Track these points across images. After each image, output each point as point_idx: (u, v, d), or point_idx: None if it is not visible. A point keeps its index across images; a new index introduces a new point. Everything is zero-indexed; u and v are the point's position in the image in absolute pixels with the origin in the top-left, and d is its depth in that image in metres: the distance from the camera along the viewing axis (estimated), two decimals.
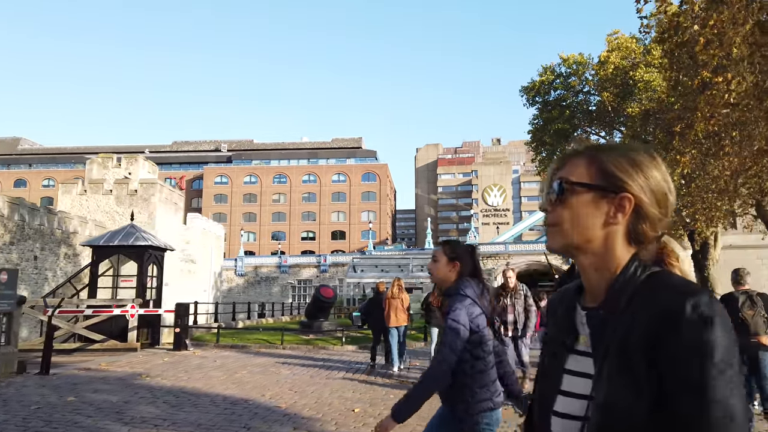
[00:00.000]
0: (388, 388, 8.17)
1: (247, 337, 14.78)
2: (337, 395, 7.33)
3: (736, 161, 14.38)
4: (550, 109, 31.31)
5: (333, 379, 8.88)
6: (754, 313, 5.96)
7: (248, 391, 7.49)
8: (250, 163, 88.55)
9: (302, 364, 10.75)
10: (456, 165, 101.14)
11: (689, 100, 16.43)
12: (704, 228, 24.04)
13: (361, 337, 14.73)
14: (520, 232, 62.85)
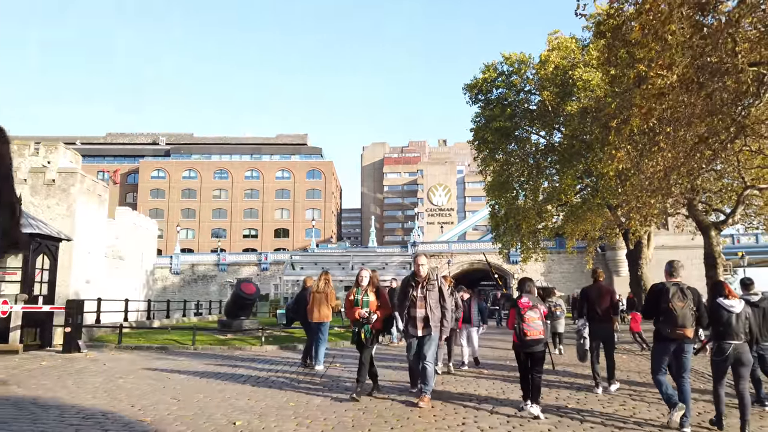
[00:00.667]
0: (296, 393, 7.22)
1: (156, 337, 13.46)
2: (227, 404, 6.38)
3: (670, 156, 14.25)
4: (492, 108, 31.16)
5: (234, 383, 7.88)
6: (684, 305, 5.93)
7: (117, 401, 6.37)
8: (189, 157, 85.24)
9: (206, 367, 9.64)
10: (402, 164, 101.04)
11: (625, 99, 16.32)
12: (639, 227, 24.29)
13: (285, 336, 13.71)
14: (464, 230, 63.18)
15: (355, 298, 7.28)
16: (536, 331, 6.42)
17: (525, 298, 6.65)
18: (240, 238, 79.41)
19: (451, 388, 8.04)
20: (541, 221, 33.10)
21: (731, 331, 5.95)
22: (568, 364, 11.25)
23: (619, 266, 46.15)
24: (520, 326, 6.44)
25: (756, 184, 20.77)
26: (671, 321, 5.87)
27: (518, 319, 6.48)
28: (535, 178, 32.03)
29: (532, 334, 6.39)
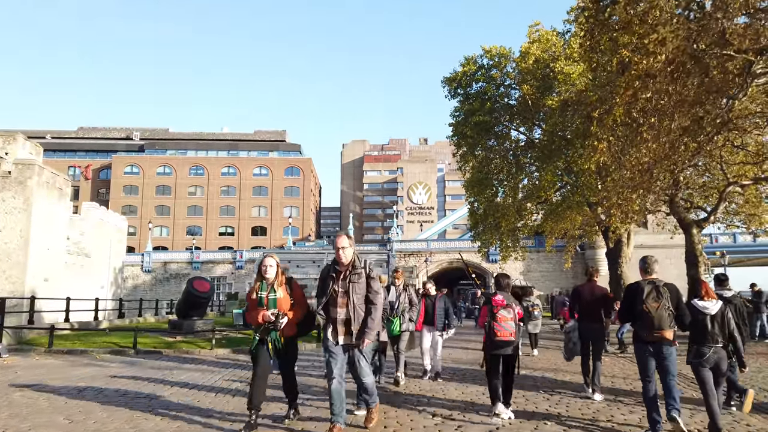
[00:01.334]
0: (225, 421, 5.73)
1: (94, 340, 12.26)
2: (129, 427, 5.29)
3: (654, 147, 13.55)
4: (472, 102, 30.43)
5: (156, 399, 6.77)
6: (659, 306, 5.47)
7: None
8: (164, 153, 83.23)
9: (135, 376, 8.54)
10: (382, 162, 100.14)
11: (607, 91, 15.59)
12: (619, 224, 23.73)
13: (240, 338, 12.66)
14: (444, 228, 62.54)
15: (257, 296, 5.50)
16: (507, 332, 5.96)
17: (500, 295, 6.20)
18: (216, 235, 77.81)
19: (412, 397, 7.12)
20: (520, 219, 32.48)
21: (707, 335, 5.65)
22: (547, 369, 10.45)
23: (598, 265, 45.74)
24: (491, 325, 6.01)
25: (738, 181, 20.30)
26: (647, 323, 5.44)
27: (489, 317, 6.07)
28: (515, 175, 31.41)
29: (503, 335, 5.94)
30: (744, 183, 20.64)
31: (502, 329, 5.95)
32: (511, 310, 6.06)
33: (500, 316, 5.99)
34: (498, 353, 6.07)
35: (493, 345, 6.03)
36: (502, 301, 6.09)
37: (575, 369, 10.07)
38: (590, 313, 7.79)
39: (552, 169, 27.94)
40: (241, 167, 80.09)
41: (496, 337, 5.95)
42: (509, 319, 6.00)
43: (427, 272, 48.99)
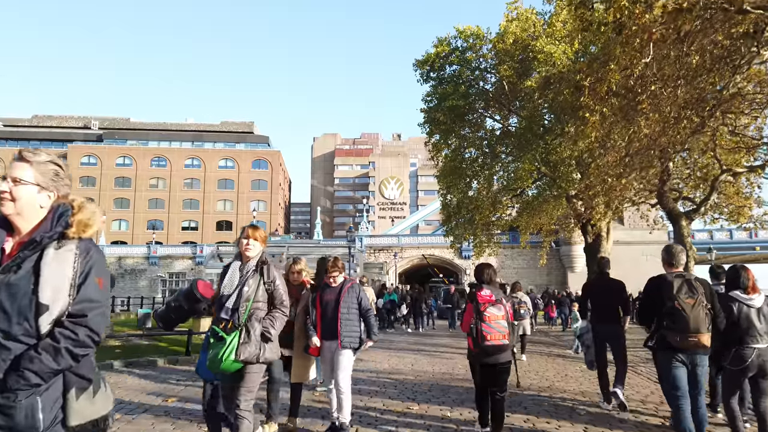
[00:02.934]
0: None
1: None
2: None
3: (655, 119, 11.63)
4: (445, 85, 28.48)
5: None
6: (695, 303, 4.46)
7: None
8: (124, 143, 79.35)
9: None
10: (354, 156, 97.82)
11: (600, 58, 13.62)
12: (602, 213, 22.05)
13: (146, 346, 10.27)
14: (416, 223, 60.74)
15: None
16: (500, 334, 4.88)
17: (486, 290, 5.04)
18: (179, 230, 74.45)
19: None
20: (495, 212, 30.68)
21: (754, 333, 4.74)
22: (540, 376, 8.42)
23: (573, 262, 44.50)
24: (479, 327, 4.90)
25: (733, 168, 18.68)
26: (681, 325, 4.41)
27: (476, 318, 4.94)
28: (490, 165, 29.55)
29: (495, 338, 4.86)
30: (738, 171, 19.09)
31: (494, 331, 4.85)
32: (502, 307, 4.95)
33: (489, 314, 4.88)
34: (489, 362, 4.94)
35: (484, 352, 4.90)
36: (490, 297, 4.94)
37: (577, 377, 8.08)
38: (605, 312, 6.76)
39: (529, 157, 26.14)
40: (206, 159, 76.82)
41: (486, 342, 4.84)
42: (500, 317, 4.90)
43: (396, 269, 46.96)
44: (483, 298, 4.95)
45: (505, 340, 4.88)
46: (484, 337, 4.83)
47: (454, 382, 7.65)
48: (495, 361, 4.94)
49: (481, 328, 4.85)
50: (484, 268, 5.32)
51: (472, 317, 4.97)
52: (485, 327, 4.84)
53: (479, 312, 4.91)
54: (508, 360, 5.03)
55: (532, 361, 11.12)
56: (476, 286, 5.14)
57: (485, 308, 4.89)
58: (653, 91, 12.05)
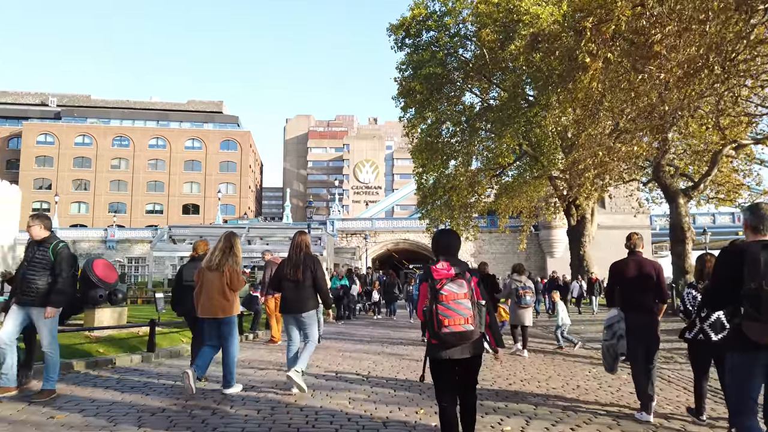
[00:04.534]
0: None
1: None
2: None
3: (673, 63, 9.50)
4: (421, 52, 26.16)
5: None
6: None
7: None
8: (84, 121, 75.08)
9: None
10: (328, 139, 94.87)
11: None
12: (590, 191, 20.19)
13: None
14: (391, 206, 58.60)
15: None
16: (460, 317, 3.55)
17: (442, 263, 3.74)
18: (142, 213, 70.92)
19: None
20: (473, 193, 28.64)
21: None
22: (548, 379, 6.24)
23: (553, 247, 42.91)
24: (433, 309, 3.58)
25: (739, 139, 16.82)
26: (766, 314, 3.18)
27: (431, 299, 3.61)
28: (469, 141, 27.39)
29: (454, 323, 3.54)
30: (744, 142, 17.28)
31: (453, 314, 3.56)
32: (464, 284, 3.64)
33: (446, 292, 3.60)
34: (446, 356, 3.69)
35: (440, 342, 3.65)
36: (447, 270, 3.68)
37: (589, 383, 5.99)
38: (638, 300, 5.63)
39: (512, 131, 24.07)
40: (172, 139, 73.18)
41: (443, 329, 3.56)
42: (461, 296, 3.60)
43: (368, 254, 44.76)
44: (439, 273, 3.69)
45: (469, 324, 3.59)
46: (441, 321, 3.58)
47: (425, 402, 5.45)
48: (455, 355, 3.69)
49: (436, 310, 3.59)
50: (442, 236, 4.11)
51: (426, 298, 3.71)
52: (441, 309, 3.59)
53: (435, 290, 3.64)
54: (477, 353, 3.79)
55: (529, 359, 9.00)
56: (430, 264, 3.88)
57: (442, 285, 3.64)
58: (669, 33, 9.92)
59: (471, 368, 3.82)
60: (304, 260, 5.86)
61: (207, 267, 5.72)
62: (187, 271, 6.51)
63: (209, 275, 5.68)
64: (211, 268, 5.68)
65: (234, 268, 5.73)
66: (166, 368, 6.94)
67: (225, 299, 5.67)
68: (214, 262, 5.68)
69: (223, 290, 5.63)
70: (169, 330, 8.72)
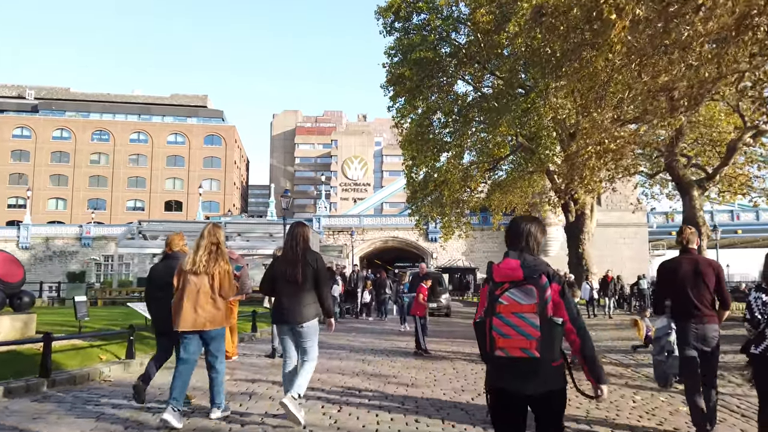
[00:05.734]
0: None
1: None
2: None
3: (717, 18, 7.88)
4: (412, 36, 24.45)
5: None
6: None
7: None
8: (63, 114, 72.57)
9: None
10: (316, 135, 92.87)
11: None
12: (594, 183, 18.63)
13: None
14: (379, 202, 56.96)
15: None
16: (521, 338, 2.53)
17: (509, 260, 2.70)
18: (123, 210, 68.58)
19: None
20: (465, 188, 27.02)
21: None
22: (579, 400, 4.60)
23: (548, 245, 41.42)
24: (486, 323, 2.62)
25: (762, 125, 15.30)
26: None
27: (487, 308, 2.65)
28: (461, 132, 25.72)
29: (510, 344, 2.54)
30: (765, 128, 15.73)
31: (512, 332, 2.52)
32: (534, 292, 2.55)
33: (506, 302, 2.56)
34: (508, 388, 2.59)
35: (493, 367, 2.64)
36: (514, 271, 2.58)
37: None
38: (694, 306, 4.76)
39: (507, 120, 22.43)
40: (154, 133, 70.88)
41: (495, 350, 2.56)
42: (526, 309, 2.53)
43: (354, 252, 43.00)
44: (502, 274, 2.60)
45: (531, 350, 2.48)
46: (494, 340, 2.56)
47: None
48: (521, 389, 2.55)
49: (491, 324, 2.56)
50: (514, 221, 2.95)
51: (483, 307, 2.68)
52: (497, 323, 2.55)
53: (493, 297, 2.60)
54: (554, 388, 2.58)
55: None
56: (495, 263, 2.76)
57: (502, 291, 2.56)
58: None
59: (546, 409, 2.65)
60: (304, 256, 4.80)
61: (191, 270, 4.70)
62: (157, 271, 5.38)
63: (193, 279, 4.70)
64: (197, 271, 4.70)
65: (225, 269, 4.81)
66: (52, 405, 5.04)
67: (215, 308, 4.74)
68: (200, 264, 4.70)
69: (212, 297, 4.72)
70: (89, 344, 6.92)
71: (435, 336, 12.17)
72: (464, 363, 8.23)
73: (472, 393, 6.03)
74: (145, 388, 4.99)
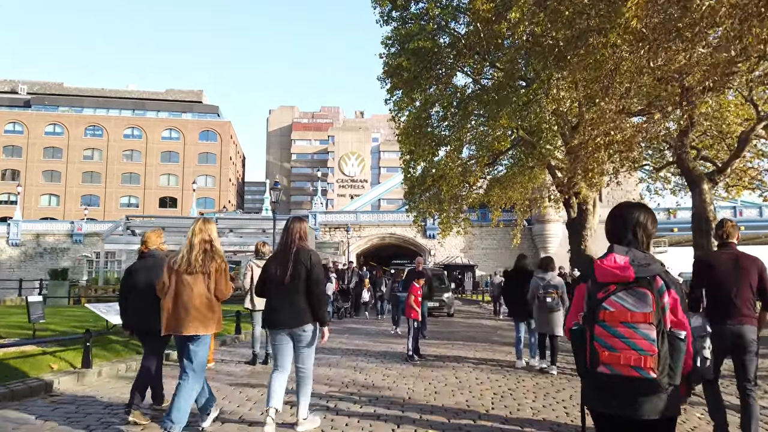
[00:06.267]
0: None
1: None
2: None
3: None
4: (410, 25, 23.67)
5: None
6: None
7: None
8: (56, 109, 71.54)
9: None
10: (312, 131, 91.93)
11: None
12: (599, 175, 17.92)
13: None
14: (376, 198, 56.15)
15: None
16: (634, 353, 2.06)
17: (616, 255, 2.21)
18: (117, 206, 67.70)
19: None
20: (464, 183, 26.28)
21: None
22: None
23: (547, 242, 40.72)
24: (585, 331, 2.21)
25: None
26: None
27: (587, 315, 2.22)
28: (460, 125, 24.96)
29: (618, 360, 2.07)
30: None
31: (620, 345, 2.08)
32: (648, 298, 2.07)
33: (612, 308, 2.11)
34: (611, 412, 2.19)
35: (593, 387, 2.20)
36: (622, 271, 2.13)
37: None
38: (732, 304, 4.25)
39: (508, 112, 21.67)
40: (148, 129, 69.95)
41: (598, 366, 2.13)
42: (639, 318, 2.07)
43: (349, 249, 42.26)
44: (606, 273, 2.14)
45: (646, 369, 2.04)
46: (596, 353, 2.13)
47: None
48: (626, 413, 2.12)
49: (592, 334, 2.15)
50: (619, 208, 2.45)
51: (580, 311, 2.27)
52: (600, 333, 2.12)
53: (594, 301, 2.16)
54: (669, 415, 2.12)
55: (562, 382, 6.58)
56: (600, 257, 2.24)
57: (607, 294, 2.12)
58: None
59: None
60: (297, 255, 4.43)
61: (186, 270, 4.32)
62: (134, 272, 5.04)
63: (186, 279, 4.32)
64: (191, 270, 4.31)
65: (222, 267, 4.44)
66: None
67: (210, 310, 4.33)
68: (195, 264, 4.31)
69: (208, 298, 4.33)
70: (42, 350, 6.15)
71: (433, 338, 11.44)
72: (467, 370, 7.47)
73: (479, 408, 5.28)
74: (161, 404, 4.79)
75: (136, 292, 4.87)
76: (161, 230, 5.75)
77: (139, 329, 4.90)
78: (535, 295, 7.73)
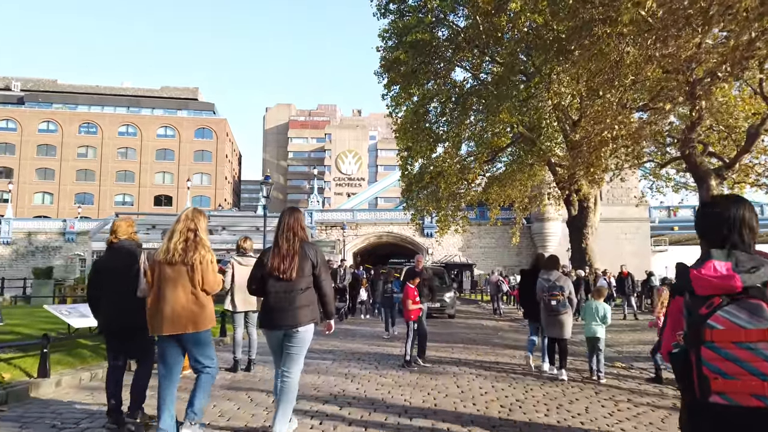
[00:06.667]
0: None
1: None
2: None
3: None
4: (408, 17, 23.11)
5: None
6: None
7: None
8: (49, 106, 70.76)
9: None
10: (309, 129, 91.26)
11: None
12: (602, 170, 17.40)
13: None
14: (373, 196, 55.57)
15: None
16: (754, 380, 1.66)
17: (716, 262, 1.79)
18: (111, 204, 66.92)
19: None
20: (463, 180, 25.73)
21: None
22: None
23: (546, 240, 40.21)
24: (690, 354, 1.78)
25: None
26: None
27: (690, 335, 1.78)
28: (458, 121, 24.41)
29: (736, 389, 1.67)
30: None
31: (736, 371, 1.66)
32: (762, 309, 1.63)
33: (721, 325, 1.69)
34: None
35: (707, 421, 1.74)
36: (727, 280, 1.71)
37: None
38: None
39: (508, 107, 21.11)
40: (143, 126, 69.18)
41: (711, 395, 1.70)
42: (754, 336, 1.64)
43: (345, 247, 41.67)
44: (706, 283, 1.77)
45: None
46: (707, 381, 1.75)
47: None
48: None
49: (699, 357, 1.77)
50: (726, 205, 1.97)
51: (678, 329, 1.91)
52: (709, 357, 1.75)
53: (696, 318, 1.77)
54: None
55: (578, 392, 6.01)
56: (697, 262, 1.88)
57: (712, 309, 1.73)
58: None
59: None
60: (301, 249, 4.06)
61: (165, 260, 3.97)
62: (101, 264, 4.62)
63: (168, 272, 3.96)
64: (172, 261, 3.95)
65: (207, 258, 4.06)
66: None
67: (196, 305, 4.00)
68: (174, 253, 3.95)
69: (193, 292, 3.99)
70: (12, 355, 5.56)
71: (432, 341, 10.84)
72: (470, 378, 6.90)
73: (485, 425, 4.70)
74: (122, 418, 4.29)
75: (109, 288, 4.40)
76: (132, 220, 5.23)
77: (118, 329, 4.43)
78: (540, 298, 7.18)
